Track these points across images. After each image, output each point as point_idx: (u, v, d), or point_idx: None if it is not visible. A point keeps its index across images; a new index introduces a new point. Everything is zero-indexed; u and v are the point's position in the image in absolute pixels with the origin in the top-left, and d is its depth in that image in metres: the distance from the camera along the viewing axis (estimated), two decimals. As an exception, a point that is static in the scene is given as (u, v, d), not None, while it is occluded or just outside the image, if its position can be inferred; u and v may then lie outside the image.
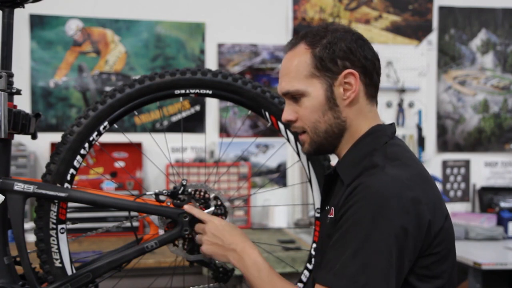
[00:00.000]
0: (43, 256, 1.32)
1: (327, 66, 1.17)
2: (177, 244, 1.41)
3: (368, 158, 1.15)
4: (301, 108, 1.21)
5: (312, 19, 3.53)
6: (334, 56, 1.17)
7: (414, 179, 1.09)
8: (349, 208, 1.08)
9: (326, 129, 1.21)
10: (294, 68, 1.20)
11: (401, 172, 1.09)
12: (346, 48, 1.17)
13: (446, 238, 1.12)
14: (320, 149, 1.25)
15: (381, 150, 1.16)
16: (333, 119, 1.20)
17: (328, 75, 1.18)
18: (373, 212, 1.04)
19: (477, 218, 3.33)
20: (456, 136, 3.73)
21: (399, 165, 1.11)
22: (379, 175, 1.08)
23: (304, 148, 1.26)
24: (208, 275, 1.53)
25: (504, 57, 3.78)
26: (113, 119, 1.36)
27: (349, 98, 1.19)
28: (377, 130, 1.22)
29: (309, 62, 1.18)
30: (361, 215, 1.05)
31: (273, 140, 3.49)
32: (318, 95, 1.19)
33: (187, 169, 3.19)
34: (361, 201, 1.07)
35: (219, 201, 1.42)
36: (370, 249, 1.03)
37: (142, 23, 3.36)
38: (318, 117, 1.20)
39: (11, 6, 1.29)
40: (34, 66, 3.24)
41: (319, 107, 1.19)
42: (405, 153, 1.18)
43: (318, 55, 1.18)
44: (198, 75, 1.40)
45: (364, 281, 1.01)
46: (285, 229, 3.20)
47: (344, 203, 1.11)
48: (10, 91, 1.27)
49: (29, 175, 2.97)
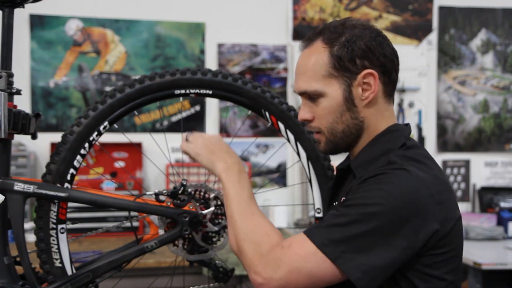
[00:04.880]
0: (43, 256, 1.32)
1: (345, 66, 1.14)
2: (177, 244, 1.41)
3: (385, 157, 1.14)
4: (318, 108, 1.18)
5: (312, 19, 3.53)
6: (352, 56, 1.13)
7: (430, 179, 1.07)
8: (360, 191, 1.07)
9: (343, 129, 1.18)
10: (311, 67, 1.16)
11: (419, 171, 1.07)
12: (365, 47, 1.14)
13: (454, 242, 1.10)
14: (336, 149, 1.22)
15: (399, 151, 1.14)
16: (351, 120, 1.17)
17: (346, 75, 1.14)
18: (384, 199, 1.03)
19: (477, 218, 3.33)
20: (456, 136, 3.73)
21: (416, 165, 1.09)
22: (398, 170, 1.07)
23: (320, 147, 1.23)
24: (208, 275, 1.53)
25: (504, 57, 3.78)
26: (113, 119, 1.36)
27: (367, 98, 1.16)
28: (395, 129, 1.19)
29: (327, 62, 1.15)
30: (372, 197, 1.04)
31: (273, 140, 3.49)
32: (336, 95, 1.15)
33: (187, 169, 3.19)
34: (375, 186, 1.05)
35: (219, 201, 1.42)
36: (366, 230, 1.02)
37: (142, 23, 3.36)
38: (336, 118, 1.17)
39: (11, 6, 1.29)
40: (34, 66, 3.24)
41: (337, 108, 1.16)
42: (426, 155, 1.16)
43: (336, 54, 1.14)
44: (198, 75, 1.40)
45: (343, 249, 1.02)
46: (285, 229, 3.20)
47: (357, 188, 1.09)
48: (10, 91, 1.27)
49: (29, 175, 2.97)
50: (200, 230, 1.40)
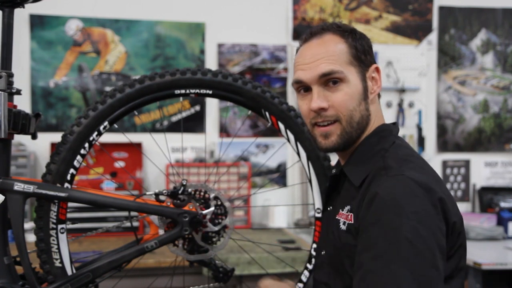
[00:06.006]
0: (43, 256, 1.32)
1: (360, 57, 1.17)
2: (177, 244, 1.41)
3: (378, 159, 1.13)
4: (338, 94, 1.15)
5: (312, 19, 3.53)
6: (364, 49, 1.17)
7: (431, 180, 1.07)
8: (379, 218, 1.02)
9: (359, 120, 1.16)
10: (333, 53, 1.15)
11: (419, 175, 1.06)
12: (369, 45, 1.20)
13: (462, 242, 1.11)
14: (348, 142, 1.18)
15: (391, 151, 1.14)
16: (365, 111, 1.17)
17: (361, 65, 1.17)
18: (410, 219, 0.99)
19: (477, 218, 3.33)
20: (456, 136, 3.73)
21: (414, 167, 1.08)
22: (400, 178, 1.05)
23: (328, 142, 1.18)
24: (208, 275, 1.53)
25: (504, 57, 3.77)
26: (113, 119, 1.36)
27: (375, 92, 1.19)
28: (383, 129, 1.20)
29: (347, 50, 1.16)
30: (397, 225, 1.00)
31: (273, 140, 3.49)
32: (357, 83, 1.16)
33: (187, 169, 3.19)
34: (391, 211, 1.01)
35: (219, 201, 1.42)
36: (417, 257, 0.98)
37: (142, 23, 3.36)
38: (356, 105, 1.15)
39: (11, 6, 1.30)
40: (34, 66, 3.24)
41: (357, 95, 1.16)
42: (414, 154, 1.17)
43: (353, 44, 1.16)
44: (198, 75, 1.40)
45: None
46: (285, 229, 3.20)
47: (368, 212, 1.05)
48: (10, 91, 1.27)
49: (29, 175, 2.96)
50: (200, 230, 1.40)
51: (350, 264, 1.11)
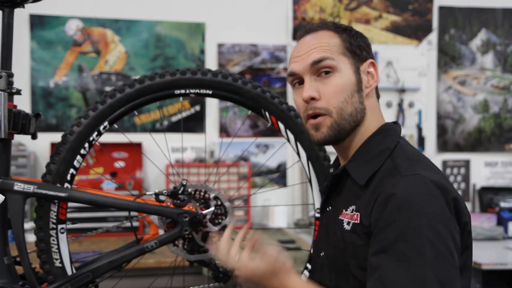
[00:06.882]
0: (43, 256, 1.32)
1: (354, 51, 1.17)
2: (177, 244, 1.41)
3: (384, 158, 1.12)
4: (329, 85, 1.14)
5: (312, 19, 3.53)
6: (359, 44, 1.18)
7: (444, 179, 1.06)
8: (396, 219, 1.01)
9: (351, 112, 1.14)
10: (325, 44, 1.16)
11: (433, 174, 1.05)
12: (365, 42, 1.20)
13: (470, 242, 1.11)
14: (339, 135, 1.16)
15: (397, 150, 1.13)
16: (358, 103, 1.16)
17: (355, 58, 1.17)
18: (429, 220, 0.99)
19: (477, 218, 3.33)
20: (456, 136, 3.73)
21: (425, 167, 1.08)
22: (416, 177, 1.04)
23: (319, 134, 1.16)
24: (208, 275, 1.53)
25: (504, 57, 3.77)
26: (113, 119, 1.36)
27: (370, 87, 1.18)
28: (388, 128, 1.19)
29: (340, 43, 1.16)
30: (417, 226, 0.98)
31: (273, 140, 3.49)
32: (349, 74, 1.15)
33: (187, 169, 3.19)
34: (409, 211, 1.00)
35: (219, 201, 1.42)
36: (439, 258, 0.98)
37: (142, 23, 3.36)
38: (347, 97, 1.14)
39: (11, 6, 1.30)
40: (34, 66, 3.24)
41: (350, 86, 1.15)
42: (421, 154, 1.16)
43: (346, 39, 1.17)
44: (198, 75, 1.40)
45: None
46: (285, 229, 3.20)
47: (384, 212, 1.03)
48: (10, 91, 1.27)
49: (29, 175, 2.97)
50: (200, 230, 1.40)
51: (356, 265, 1.09)
